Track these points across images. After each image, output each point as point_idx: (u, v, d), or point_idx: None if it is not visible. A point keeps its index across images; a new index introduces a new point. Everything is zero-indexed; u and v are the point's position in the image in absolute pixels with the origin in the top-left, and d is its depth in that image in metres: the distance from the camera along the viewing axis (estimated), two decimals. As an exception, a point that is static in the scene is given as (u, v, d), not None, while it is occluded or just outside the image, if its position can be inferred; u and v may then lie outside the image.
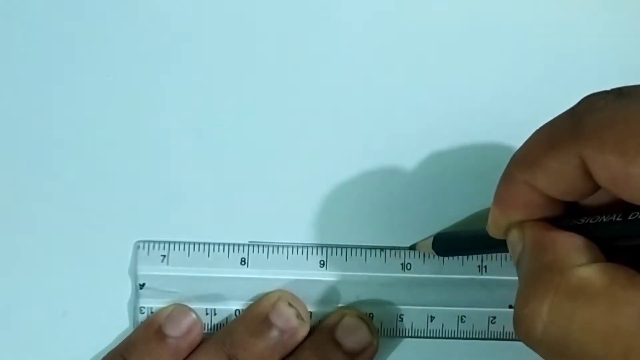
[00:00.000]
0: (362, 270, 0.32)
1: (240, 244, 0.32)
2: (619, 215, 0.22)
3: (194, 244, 0.32)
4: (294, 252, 0.32)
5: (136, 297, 0.32)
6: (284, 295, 0.31)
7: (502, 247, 0.25)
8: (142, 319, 0.32)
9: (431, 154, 0.32)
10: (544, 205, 0.23)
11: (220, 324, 0.32)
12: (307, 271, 0.32)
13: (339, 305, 0.32)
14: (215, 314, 0.32)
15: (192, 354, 0.31)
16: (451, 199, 0.32)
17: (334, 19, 0.33)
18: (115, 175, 0.32)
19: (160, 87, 0.32)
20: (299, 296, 0.32)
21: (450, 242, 0.31)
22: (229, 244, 0.32)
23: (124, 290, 0.32)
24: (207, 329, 0.32)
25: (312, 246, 0.32)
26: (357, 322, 0.31)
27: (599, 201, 0.23)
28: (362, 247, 0.32)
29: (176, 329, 0.31)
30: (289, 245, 0.32)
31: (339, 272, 0.32)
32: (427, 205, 0.33)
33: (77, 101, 0.32)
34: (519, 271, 0.23)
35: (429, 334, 0.32)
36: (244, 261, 0.32)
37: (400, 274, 0.32)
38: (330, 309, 0.32)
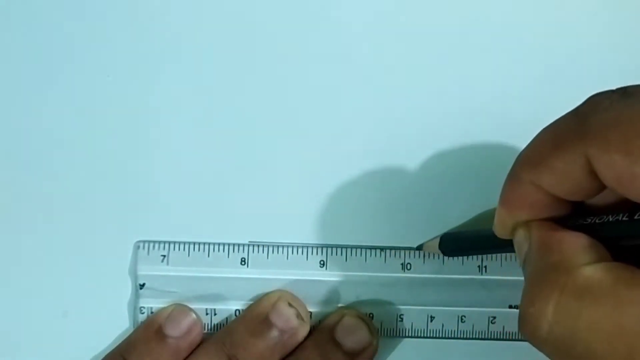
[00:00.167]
0: (362, 270, 0.32)
1: (240, 244, 0.32)
2: (625, 214, 0.22)
3: (194, 244, 0.32)
4: (294, 252, 0.32)
5: (136, 297, 0.32)
6: (284, 295, 0.31)
7: (509, 247, 0.25)
8: (142, 319, 0.32)
9: (431, 154, 0.32)
10: (550, 205, 0.23)
11: (220, 324, 0.32)
12: (307, 271, 0.32)
13: (339, 305, 0.32)
14: (215, 314, 0.32)
15: (192, 354, 0.31)
16: (451, 199, 0.32)
17: (335, 19, 0.33)
18: (115, 175, 0.32)
19: (160, 87, 0.32)
20: (299, 296, 0.32)
21: (456, 243, 0.31)
22: (229, 244, 0.32)
23: (124, 290, 0.32)
24: (207, 329, 0.32)
25: (312, 246, 0.32)
26: (357, 322, 0.31)
27: (605, 201, 0.23)
28: (362, 247, 0.32)
29: (176, 329, 0.31)
30: (289, 245, 0.32)
31: (339, 272, 0.32)
32: (427, 205, 0.32)
33: (77, 101, 0.32)
34: (525, 271, 0.23)
35: (429, 334, 0.32)
36: (244, 261, 0.32)
37: (400, 274, 0.32)
38: (330, 309, 0.32)
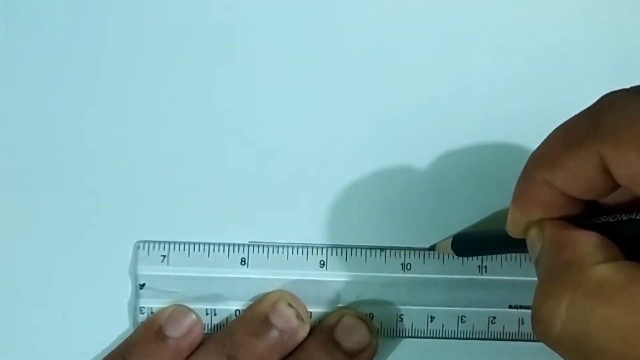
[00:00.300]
0: (362, 270, 0.32)
1: (240, 244, 0.32)
2: (639, 213, 0.22)
3: (194, 244, 0.32)
4: (294, 252, 0.32)
5: (136, 297, 0.32)
6: (284, 295, 0.31)
7: (521, 247, 0.25)
8: (142, 319, 0.32)
9: (431, 155, 0.32)
10: (563, 204, 0.23)
11: (220, 324, 0.32)
12: (307, 271, 0.32)
13: (339, 305, 0.32)
14: (215, 314, 0.32)
15: (192, 354, 0.31)
16: (452, 199, 0.32)
17: (339, 18, 0.33)
18: (115, 175, 0.32)
19: (160, 87, 0.32)
20: (299, 296, 0.32)
21: (469, 243, 0.31)
22: (229, 244, 0.32)
23: (124, 290, 0.32)
24: (207, 329, 0.32)
25: (312, 246, 0.32)
26: (357, 322, 0.31)
27: (618, 199, 0.23)
28: (362, 247, 0.32)
29: (176, 330, 0.31)
30: (289, 245, 0.32)
31: (339, 272, 0.32)
32: (427, 205, 0.32)
33: (77, 101, 0.32)
34: (538, 270, 0.23)
35: (429, 334, 0.32)
36: (244, 261, 0.32)
37: (400, 274, 0.32)
38: (330, 309, 0.32)
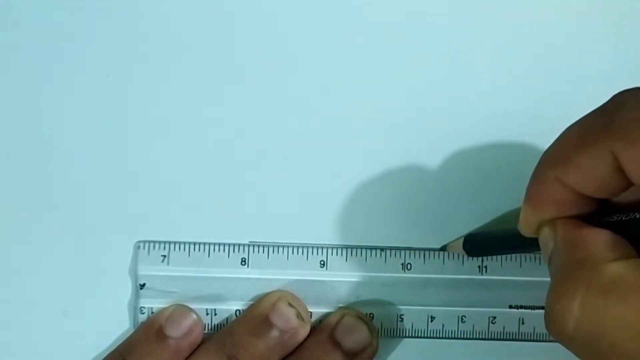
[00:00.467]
0: (363, 270, 0.32)
1: (240, 244, 0.32)
2: None
3: (194, 244, 0.32)
4: (294, 252, 0.32)
5: (136, 297, 0.32)
6: (284, 295, 0.31)
7: (534, 246, 0.25)
8: (143, 319, 0.32)
9: (432, 155, 0.32)
10: (576, 202, 0.23)
11: (220, 324, 0.32)
12: (307, 271, 0.32)
13: (339, 305, 0.32)
14: (215, 314, 0.32)
15: (192, 354, 0.31)
16: (452, 199, 0.32)
17: (346, 18, 0.33)
18: (115, 175, 0.32)
19: (160, 87, 0.32)
20: (299, 296, 0.32)
21: (481, 243, 0.31)
22: (230, 244, 0.32)
23: (124, 290, 0.32)
24: (208, 329, 0.32)
25: (313, 246, 0.32)
26: (357, 322, 0.31)
27: (631, 198, 0.23)
28: (362, 247, 0.32)
29: (177, 330, 0.31)
30: (289, 245, 0.32)
31: (339, 272, 0.32)
32: (427, 205, 0.32)
33: (77, 101, 0.32)
34: (551, 269, 0.23)
35: (429, 334, 0.32)
36: (244, 261, 0.32)
37: (400, 274, 0.32)
38: (330, 309, 0.32)
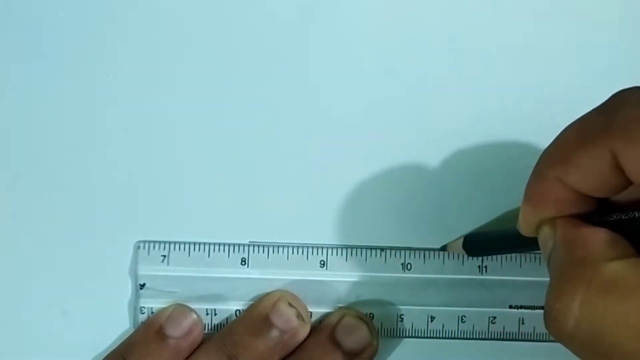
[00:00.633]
0: (363, 270, 0.32)
1: (240, 244, 0.32)
2: None
3: (194, 244, 0.32)
4: (294, 252, 0.32)
5: (136, 297, 0.32)
6: (285, 295, 0.31)
7: (533, 246, 0.25)
8: (143, 319, 0.32)
9: (432, 155, 0.32)
10: (575, 201, 0.23)
11: (220, 324, 0.32)
12: (307, 271, 0.32)
13: (339, 305, 0.32)
14: (215, 314, 0.32)
15: (192, 354, 0.31)
16: (452, 199, 0.32)
17: (346, 17, 0.33)
18: (115, 175, 0.32)
19: (160, 87, 0.32)
20: (299, 296, 0.32)
21: (480, 242, 0.31)
22: (230, 244, 0.32)
23: (125, 290, 0.32)
24: (208, 329, 0.32)
25: (313, 246, 0.32)
26: (357, 322, 0.31)
27: (631, 197, 0.23)
28: (362, 247, 0.32)
29: (177, 329, 0.31)
30: (289, 245, 0.32)
31: (339, 272, 0.32)
32: (427, 205, 0.32)
33: (77, 101, 0.32)
34: (550, 268, 0.23)
35: (429, 334, 0.32)
36: (244, 261, 0.32)
37: (400, 274, 0.32)
38: (330, 309, 0.32)
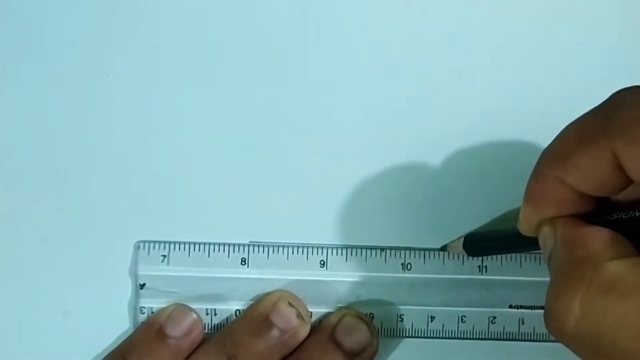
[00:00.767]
0: (363, 270, 0.32)
1: (240, 244, 0.32)
2: None
3: (194, 244, 0.32)
4: (294, 252, 0.32)
5: (136, 297, 0.32)
6: (285, 295, 0.31)
7: (533, 246, 0.25)
8: (143, 319, 0.32)
9: (432, 154, 0.32)
10: (576, 201, 0.23)
11: (220, 324, 0.32)
12: (307, 271, 0.32)
13: (339, 305, 0.32)
14: (215, 314, 0.32)
15: (192, 354, 0.31)
16: (452, 198, 0.32)
17: (345, 17, 0.33)
18: (115, 175, 0.32)
19: (160, 87, 0.32)
20: (299, 296, 0.32)
21: (481, 242, 0.31)
22: (229, 244, 0.32)
23: (124, 290, 0.32)
24: (208, 329, 0.32)
25: (313, 246, 0.32)
26: (357, 322, 0.31)
27: (631, 196, 0.23)
28: (362, 247, 0.32)
29: (177, 329, 0.31)
30: (289, 245, 0.32)
31: (339, 272, 0.32)
32: (427, 205, 0.32)
33: (77, 101, 0.32)
34: (550, 268, 0.23)
35: (429, 334, 0.32)
36: (244, 261, 0.32)
37: (400, 274, 0.32)
38: (330, 309, 0.32)
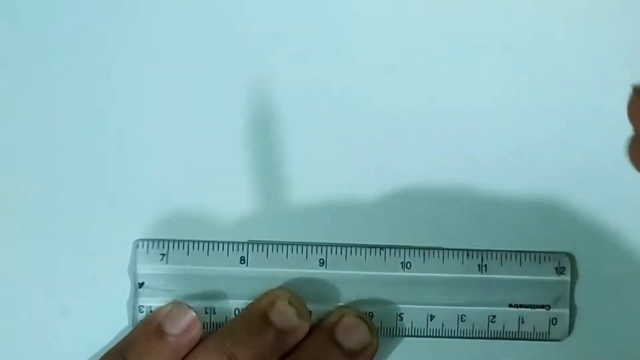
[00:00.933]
0: (362, 269, 0.32)
1: (239, 243, 0.32)
2: None
3: (193, 242, 0.32)
4: (293, 251, 0.32)
5: (135, 296, 0.32)
6: (284, 293, 0.31)
7: None
8: (142, 317, 0.32)
9: (431, 154, 0.32)
10: None
11: (219, 323, 0.32)
12: (306, 270, 0.32)
13: (339, 304, 0.32)
14: (214, 313, 0.32)
15: (191, 352, 0.31)
16: (452, 198, 0.32)
17: (346, 16, 0.33)
18: (114, 174, 0.32)
19: (160, 86, 0.32)
20: (298, 295, 0.32)
21: None
22: (229, 243, 0.32)
23: (123, 289, 0.32)
24: (207, 328, 0.32)
25: (312, 245, 0.32)
26: (357, 321, 0.31)
27: None
28: (362, 246, 0.32)
29: (176, 327, 0.31)
30: (288, 243, 0.32)
31: (338, 271, 0.32)
32: (427, 204, 0.32)
33: (77, 100, 0.32)
34: None
35: (429, 333, 0.32)
36: (243, 260, 0.32)
37: (400, 273, 0.32)
38: (329, 308, 0.32)
